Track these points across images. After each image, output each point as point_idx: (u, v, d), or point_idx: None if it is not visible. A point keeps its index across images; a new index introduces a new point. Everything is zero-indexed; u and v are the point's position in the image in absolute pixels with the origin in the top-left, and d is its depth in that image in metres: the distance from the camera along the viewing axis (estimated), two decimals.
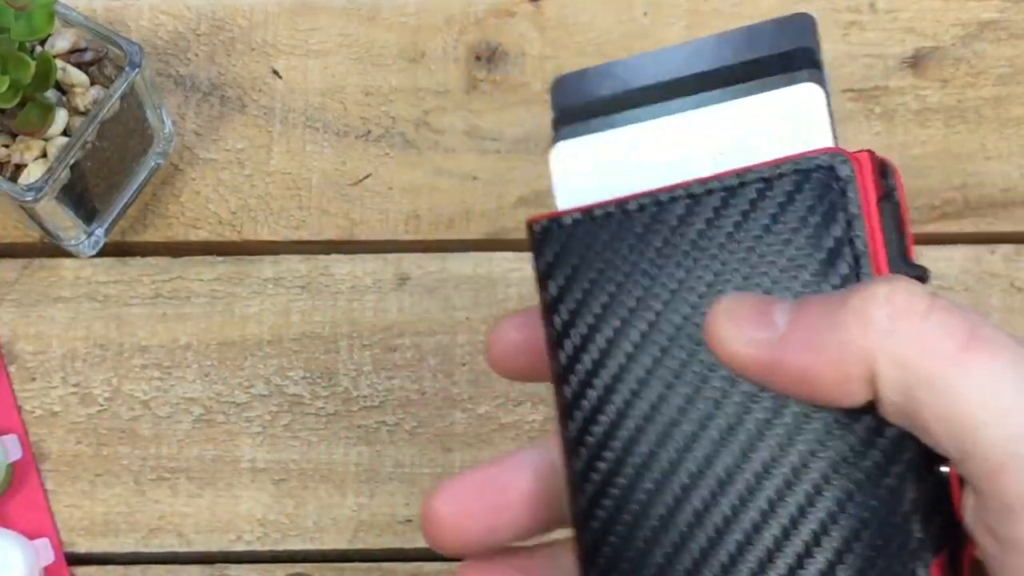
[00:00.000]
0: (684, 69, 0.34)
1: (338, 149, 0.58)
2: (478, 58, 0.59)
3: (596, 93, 0.35)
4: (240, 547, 0.54)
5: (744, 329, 0.30)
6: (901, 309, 0.29)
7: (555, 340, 0.34)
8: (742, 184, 0.32)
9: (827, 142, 0.32)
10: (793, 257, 0.31)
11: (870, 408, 0.30)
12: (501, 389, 0.55)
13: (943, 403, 0.28)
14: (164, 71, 0.58)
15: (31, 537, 0.52)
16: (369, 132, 0.58)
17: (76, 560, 0.54)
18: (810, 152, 0.32)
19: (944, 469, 0.31)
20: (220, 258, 0.57)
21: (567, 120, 0.35)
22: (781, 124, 0.32)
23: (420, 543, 0.54)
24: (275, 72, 0.59)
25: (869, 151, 0.32)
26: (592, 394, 0.33)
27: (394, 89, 0.58)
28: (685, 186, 0.32)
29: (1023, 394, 0.28)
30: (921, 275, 0.32)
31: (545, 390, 0.56)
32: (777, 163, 0.32)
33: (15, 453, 0.53)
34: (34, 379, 0.55)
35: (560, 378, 0.34)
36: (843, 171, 0.31)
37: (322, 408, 0.55)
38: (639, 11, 0.59)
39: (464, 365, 0.55)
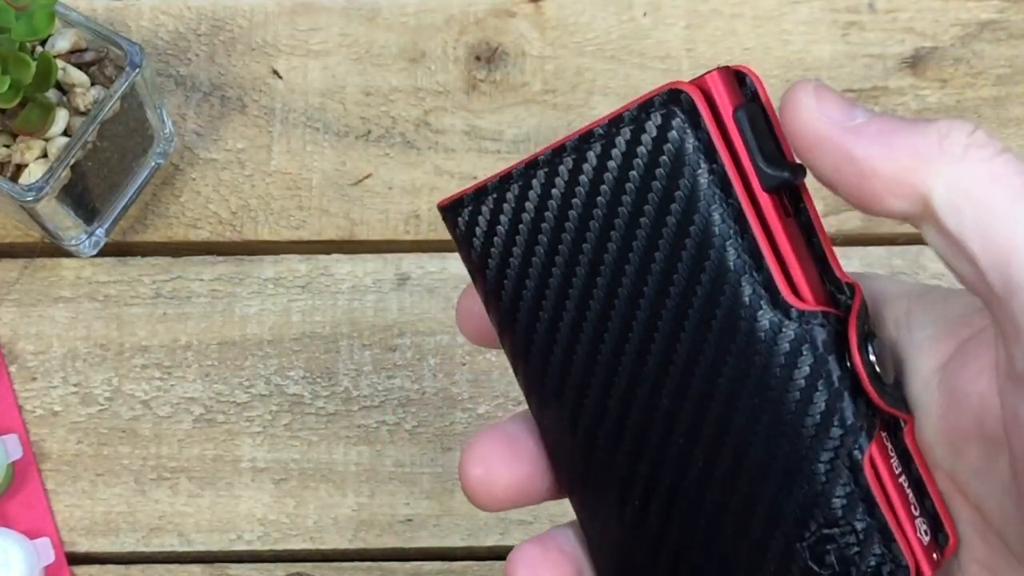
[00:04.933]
0: None
1: (338, 149, 0.58)
2: (478, 58, 0.59)
3: None
4: (240, 547, 0.54)
5: (824, 107, 0.31)
6: (979, 143, 0.30)
7: (491, 292, 0.36)
8: (602, 134, 0.33)
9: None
10: (665, 199, 0.32)
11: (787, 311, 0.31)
12: (501, 389, 0.55)
13: (999, 230, 0.29)
14: (164, 71, 0.58)
15: (31, 537, 0.53)
16: (369, 132, 0.58)
17: (76, 560, 0.54)
18: (649, 95, 0.32)
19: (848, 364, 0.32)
20: (220, 258, 0.57)
21: None
22: None
23: (420, 543, 0.54)
24: (275, 72, 0.59)
25: (720, 68, 0.32)
26: (535, 323, 0.35)
27: (394, 89, 0.58)
28: (551, 148, 0.34)
29: None
30: (793, 176, 0.32)
31: None
32: (626, 107, 0.33)
33: (16, 453, 0.53)
34: (35, 379, 0.55)
35: (505, 327, 0.35)
36: (686, 105, 0.32)
37: (322, 408, 0.55)
38: (639, 11, 0.59)
39: (464, 365, 0.55)
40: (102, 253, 0.57)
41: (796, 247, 0.32)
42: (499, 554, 0.54)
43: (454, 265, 0.56)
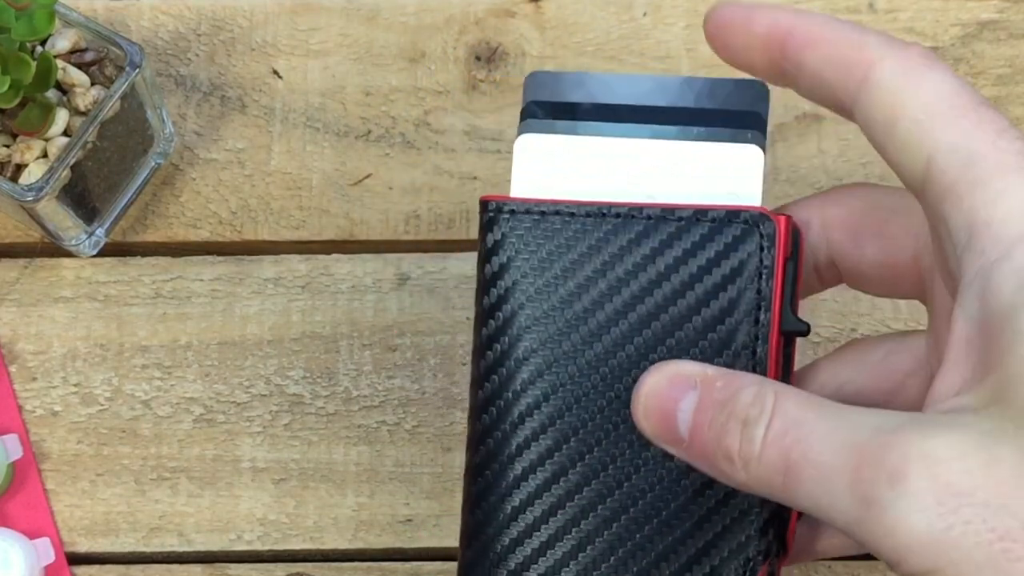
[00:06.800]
0: (649, 99, 0.38)
1: (338, 149, 0.58)
2: (478, 58, 0.59)
3: (566, 97, 0.38)
4: (240, 547, 0.54)
5: (657, 431, 0.35)
6: (746, 450, 0.32)
7: (481, 317, 0.37)
8: (681, 218, 0.36)
9: (756, 200, 0.37)
10: (706, 292, 0.36)
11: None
12: None
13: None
14: (164, 71, 0.58)
15: (31, 537, 0.53)
16: (369, 132, 0.58)
17: (76, 560, 0.54)
18: (745, 206, 0.36)
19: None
20: (220, 258, 0.57)
21: (535, 114, 0.38)
22: (721, 174, 0.37)
23: (420, 543, 0.54)
24: (275, 72, 0.59)
25: (787, 216, 0.36)
26: (502, 373, 0.37)
27: (394, 89, 0.58)
28: (627, 206, 0.36)
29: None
30: (804, 330, 0.36)
31: None
32: (714, 207, 0.36)
33: (16, 452, 0.53)
34: (35, 379, 0.55)
35: (478, 352, 0.37)
36: (767, 230, 0.36)
37: (322, 408, 0.55)
38: (639, 11, 0.59)
39: (464, 365, 0.55)
40: (102, 253, 0.57)
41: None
42: None
43: (454, 265, 0.56)
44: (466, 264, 0.56)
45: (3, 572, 0.51)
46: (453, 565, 0.54)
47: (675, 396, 0.34)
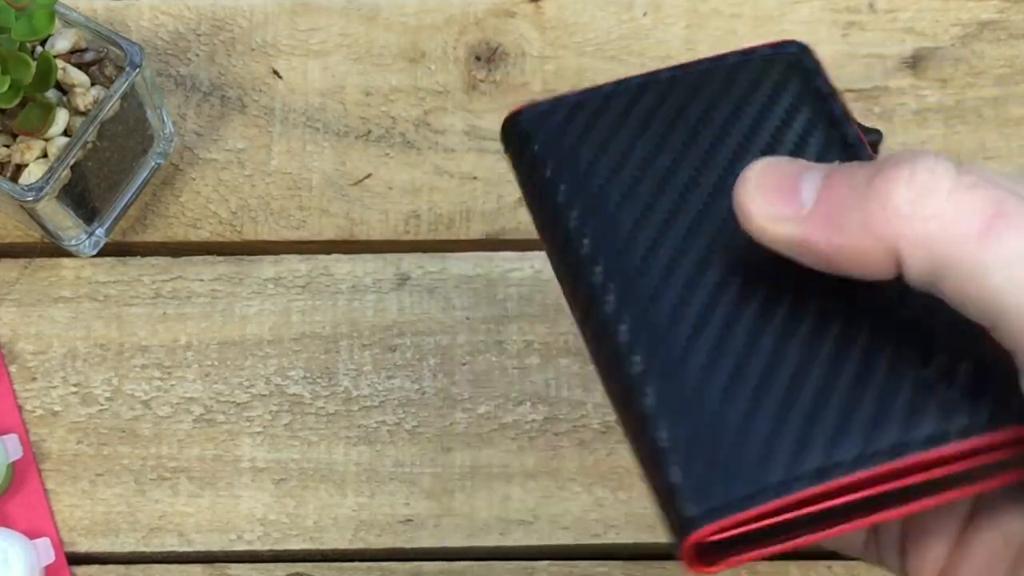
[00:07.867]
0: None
1: (338, 149, 0.58)
2: (478, 58, 0.59)
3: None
4: (240, 547, 0.54)
5: (772, 204, 0.30)
6: (922, 191, 0.28)
7: (557, 208, 0.34)
8: (729, 64, 0.35)
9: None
10: (782, 121, 0.34)
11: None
12: (501, 389, 0.55)
13: (968, 282, 0.28)
14: (164, 71, 0.58)
15: (31, 537, 0.53)
16: (369, 132, 0.58)
17: (76, 560, 0.54)
18: (782, 41, 0.36)
19: None
20: (220, 258, 0.57)
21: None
22: None
23: (420, 543, 0.54)
24: (275, 72, 0.59)
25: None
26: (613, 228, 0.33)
27: (394, 89, 0.58)
28: (670, 69, 0.35)
29: None
30: (878, 137, 0.35)
31: (544, 390, 0.56)
32: (756, 48, 0.36)
33: (16, 453, 0.53)
34: (35, 379, 0.55)
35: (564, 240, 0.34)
36: (810, 60, 0.36)
37: (322, 408, 0.55)
38: (639, 11, 0.59)
39: (464, 365, 0.55)
40: (102, 253, 0.57)
41: None
42: (499, 554, 0.54)
43: (454, 265, 0.56)
44: (466, 264, 0.56)
45: (3, 572, 0.51)
46: (453, 565, 0.54)
47: (796, 170, 0.30)
